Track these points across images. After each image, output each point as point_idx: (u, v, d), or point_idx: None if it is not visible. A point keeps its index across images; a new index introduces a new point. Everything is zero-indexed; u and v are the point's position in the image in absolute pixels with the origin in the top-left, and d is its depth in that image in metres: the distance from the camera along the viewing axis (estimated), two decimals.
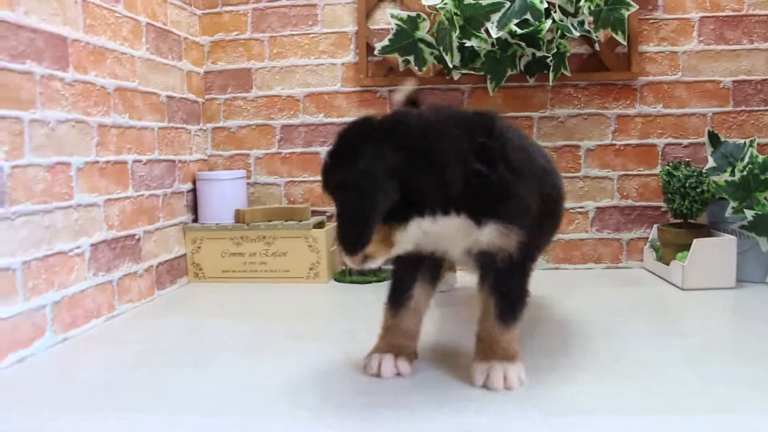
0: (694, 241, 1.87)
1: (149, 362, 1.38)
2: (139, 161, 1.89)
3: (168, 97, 2.06)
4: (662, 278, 2.01)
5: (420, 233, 1.14)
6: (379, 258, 1.15)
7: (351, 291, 2.01)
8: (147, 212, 1.93)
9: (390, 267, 1.33)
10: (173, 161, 2.10)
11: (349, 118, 2.14)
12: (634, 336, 1.47)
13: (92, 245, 1.66)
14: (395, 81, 2.22)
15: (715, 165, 2.08)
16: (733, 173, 2.05)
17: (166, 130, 2.05)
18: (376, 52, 2.12)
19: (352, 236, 1.09)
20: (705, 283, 1.87)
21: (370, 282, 2.09)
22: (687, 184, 1.92)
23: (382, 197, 1.06)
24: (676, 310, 1.71)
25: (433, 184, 1.09)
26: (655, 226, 2.15)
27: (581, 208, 2.20)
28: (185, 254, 2.17)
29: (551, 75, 2.06)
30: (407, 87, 1.70)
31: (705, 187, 1.92)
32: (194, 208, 2.23)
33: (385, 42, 2.11)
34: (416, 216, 1.11)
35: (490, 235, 1.16)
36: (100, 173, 1.69)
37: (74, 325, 1.58)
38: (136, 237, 1.87)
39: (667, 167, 1.99)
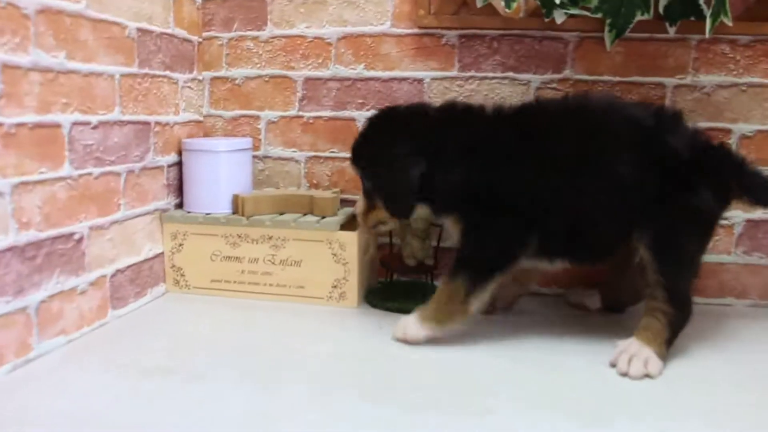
0: None
1: None
2: (85, 123, 1.26)
3: (140, 30, 1.42)
4: None
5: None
6: (390, 224, 1.35)
7: (391, 323, 1.36)
8: (97, 199, 1.31)
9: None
10: (146, 123, 1.46)
11: (402, 73, 1.51)
12: None
13: None
14: (469, 22, 1.53)
15: None
16: None
17: (136, 78, 1.41)
18: None
19: (402, 205, 1.28)
20: None
21: (410, 311, 1.44)
22: None
23: (417, 171, 1.22)
24: None
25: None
26: None
27: (724, 220, 1.52)
28: (162, 253, 1.54)
29: (708, 22, 1.37)
30: None
31: None
32: (179, 189, 1.60)
33: None
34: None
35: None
36: (4, 142, 1.07)
37: None
38: (76, 237, 1.25)
39: None
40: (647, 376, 1.12)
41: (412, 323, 1.26)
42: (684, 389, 1.09)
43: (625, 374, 1.13)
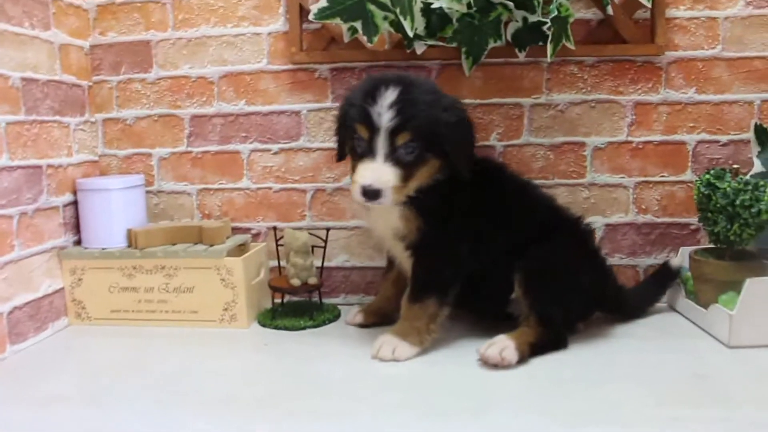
0: (747, 281, 1.33)
1: None
2: None
3: (24, 79, 1.50)
4: (696, 325, 1.48)
5: None
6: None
7: (280, 342, 1.48)
8: None
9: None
10: (38, 167, 1.54)
11: (280, 106, 1.62)
12: None
13: None
14: (338, 56, 1.65)
15: (763, 170, 1.54)
16: None
17: (23, 125, 1.49)
18: (311, 17, 1.55)
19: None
20: (762, 340, 1.34)
21: (303, 328, 1.55)
22: (738, 202, 1.37)
23: None
24: (726, 386, 1.18)
25: None
26: (682, 249, 1.61)
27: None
28: (63, 288, 1.62)
29: (549, 48, 1.51)
30: None
31: (763, 206, 1.37)
32: (76, 226, 1.68)
33: (324, 3, 1.54)
34: None
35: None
36: None
37: None
38: None
39: (707, 176, 1.45)
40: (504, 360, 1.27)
41: (400, 344, 1.33)
42: (543, 387, 1.21)
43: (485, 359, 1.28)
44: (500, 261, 1.38)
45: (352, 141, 1.31)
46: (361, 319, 1.57)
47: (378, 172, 1.25)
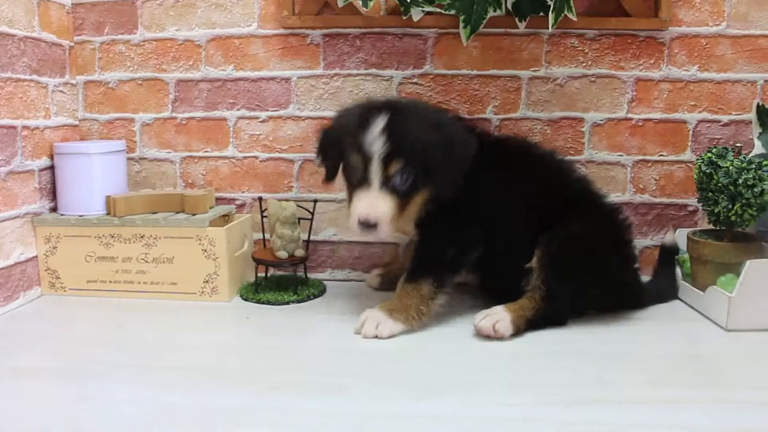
0: (748, 262, 1.29)
1: None
2: None
3: None
4: (693, 308, 1.43)
5: None
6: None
7: (263, 315, 1.42)
8: None
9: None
10: (12, 127, 1.47)
11: (270, 72, 1.55)
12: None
13: None
14: (331, 21, 1.59)
15: (763, 151, 1.50)
16: None
17: None
18: None
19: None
20: (761, 323, 1.30)
21: (287, 303, 1.49)
22: (740, 181, 1.33)
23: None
24: (723, 369, 1.14)
25: None
26: (680, 230, 1.57)
27: None
28: (36, 257, 1.55)
29: (551, 18, 1.46)
30: None
31: (766, 186, 1.33)
32: (53, 192, 1.61)
33: None
34: None
35: None
36: None
37: None
38: None
39: (709, 154, 1.40)
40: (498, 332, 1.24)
41: (385, 320, 1.28)
42: (535, 364, 1.16)
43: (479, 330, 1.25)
44: (522, 241, 1.33)
45: (347, 169, 1.27)
46: (377, 282, 1.58)
47: (374, 204, 1.22)
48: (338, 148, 1.28)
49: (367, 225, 1.22)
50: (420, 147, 1.21)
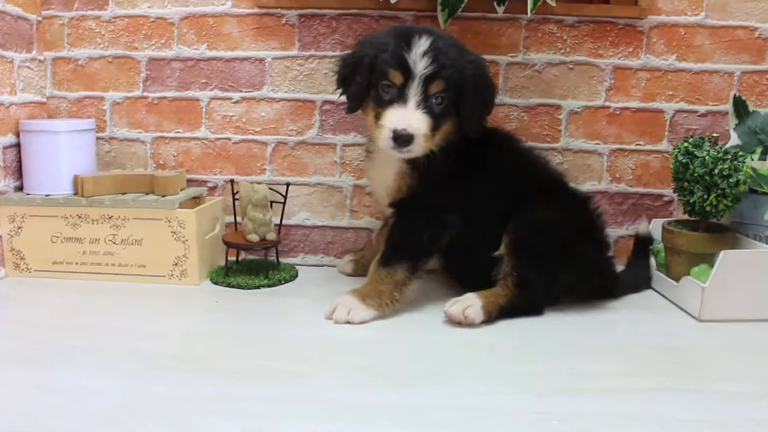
0: (722, 252, 1.29)
1: None
2: None
3: None
4: (666, 298, 1.43)
5: None
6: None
7: (233, 300, 1.39)
8: None
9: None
10: None
11: (244, 53, 1.52)
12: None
13: None
14: (307, 1, 1.56)
15: (739, 143, 1.50)
16: (764, 155, 1.48)
17: None
18: None
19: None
20: (734, 314, 1.30)
21: (258, 287, 1.47)
22: (716, 171, 1.32)
23: None
24: (696, 359, 1.14)
25: None
26: (654, 221, 1.57)
27: None
28: (0, 237, 1.51)
29: (530, 3, 1.44)
30: None
31: (741, 177, 1.32)
32: (18, 171, 1.56)
33: None
34: None
35: None
36: None
37: None
38: None
39: (686, 144, 1.39)
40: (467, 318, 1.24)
41: (357, 306, 1.27)
42: (510, 355, 1.15)
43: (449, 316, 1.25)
44: (493, 229, 1.32)
45: (377, 88, 1.25)
46: (350, 269, 1.57)
47: (411, 117, 1.21)
48: (369, 68, 1.26)
49: (403, 138, 1.21)
50: (459, 74, 1.24)
